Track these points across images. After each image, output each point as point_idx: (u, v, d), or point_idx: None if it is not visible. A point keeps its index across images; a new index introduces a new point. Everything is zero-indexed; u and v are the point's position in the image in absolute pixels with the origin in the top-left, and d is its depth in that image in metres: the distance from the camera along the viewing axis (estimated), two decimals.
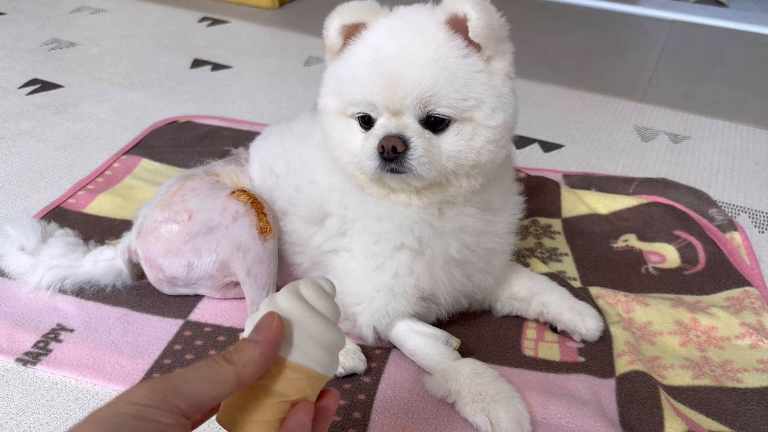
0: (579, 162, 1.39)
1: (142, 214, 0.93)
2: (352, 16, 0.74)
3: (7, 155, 1.31)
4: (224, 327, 0.90)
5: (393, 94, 0.70)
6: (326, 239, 0.86)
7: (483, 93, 0.71)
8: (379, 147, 0.71)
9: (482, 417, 0.73)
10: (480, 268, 0.86)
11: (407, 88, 0.69)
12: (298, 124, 0.95)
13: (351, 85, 0.74)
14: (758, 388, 0.82)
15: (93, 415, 0.41)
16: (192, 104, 1.57)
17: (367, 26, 0.75)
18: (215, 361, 0.46)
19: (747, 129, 1.55)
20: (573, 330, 0.88)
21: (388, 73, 0.70)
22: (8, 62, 1.73)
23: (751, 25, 2.28)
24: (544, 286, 0.91)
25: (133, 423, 0.40)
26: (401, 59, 0.70)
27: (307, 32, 2.06)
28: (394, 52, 0.70)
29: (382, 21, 0.74)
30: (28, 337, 0.87)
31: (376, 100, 0.72)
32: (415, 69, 0.69)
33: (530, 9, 2.42)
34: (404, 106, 0.71)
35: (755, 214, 1.22)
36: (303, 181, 0.88)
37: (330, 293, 0.53)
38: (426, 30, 0.71)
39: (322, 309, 0.51)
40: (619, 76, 1.87)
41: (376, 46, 0.72)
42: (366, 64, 0.72)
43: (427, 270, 0.81)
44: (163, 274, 0.90)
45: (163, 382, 0.43)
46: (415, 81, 0.69)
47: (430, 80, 0.69)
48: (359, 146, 0.75)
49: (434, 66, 0.69)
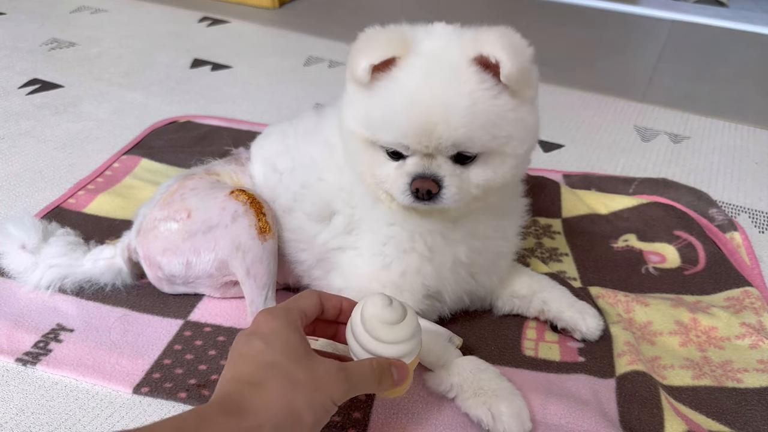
0: (579, 162, 1.39)
1: (142, 213, 0.93)
2: (384, 54, 0.70)
3: (7, 155, 1.31)
4: (224, 327, 0.90)
5: (427, 139, 0.69)
6: (333, 237, 0.86)
7: (513, 130, 0.71)
8: (413, 187, 0.72)
9: (484, 410, 0.74)
10: (486, 269, 0.87)
11: (442, 134, 0.68)
12: (303, 121, 0.94)
13: (383, 126, 0.72)
14: (758, 388, 0.82)
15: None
16: (192, 104, 1.57)
17: (396, 62, 0.71)
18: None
19: (747, 129, 1.55)
20: (574, 328, 0.88)
21: (422, 119, 0.68)
22: (8, 62, 1.73)
23: (751, 25, 2.28)
24: (545, 285, 0.92)
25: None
26: (436, 105, 0.68)
27: (307, 32, 2.06)
28: (429, 97, 0.68)
29: (412, 59, 0.70)
30: (28, 337, 0.87)
31: (409, 143, 0.70)
32: (450, 116, 0.68)
33: (530, 9, 2.42)
34: (437, 149, 0.70)
35: (755, 214, 1.22)
36: (311, 178, 0.87)
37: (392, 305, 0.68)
38: (459, 72, 0.69)
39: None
40: (619, 76, 1.87)
41: (409, 90, 0.69)
42: (400, 108, 0.70)
43: (434, 270, 0.82)
44: (161, 272, 0.90)
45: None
46: (450, 128, 0.68)
47: (464, 127, 0.68)
48: (387, 174, 0.75)
49: (469, 112, 0.68)
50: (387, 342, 0.66)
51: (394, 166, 0.74)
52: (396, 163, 0.74)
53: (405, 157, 0.73)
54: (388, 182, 0.75)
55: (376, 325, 0.66)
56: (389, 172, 0.75)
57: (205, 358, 0.84)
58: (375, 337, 0.66)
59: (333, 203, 0.85)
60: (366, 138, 0.74)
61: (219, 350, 0.86)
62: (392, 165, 0.74)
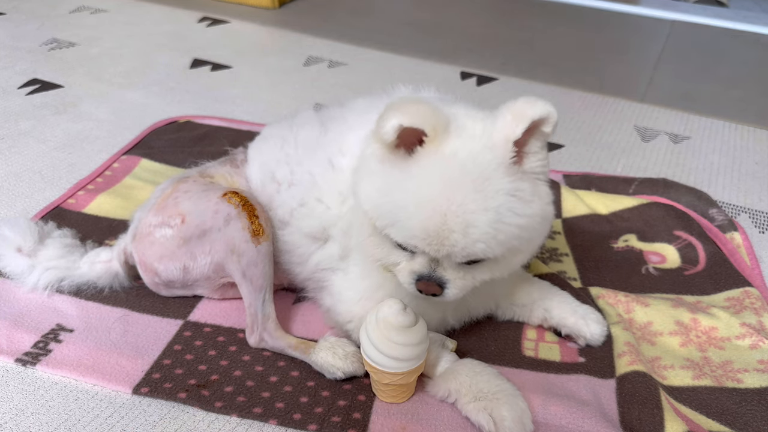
0: (579, 162, 1.39)
1: (137, 217, 0.93)
2: (415, 122, 0.64)
3: (7, 155, 1.30)
4: (224, 327, 0.90)
5: (438, 245, 0.66)
6: (326, 259, 0.86)
7: (534, 234, 0.69)
8: (418, 286, 0.71)
9: (485, 416, 0.73)
10: (482, 302, 0.87)
11: (456, 244, 0.65)
12: (303, 129, 0.90)
13: (393, 223, 0.67)
14: (758, 388, 0.82)
15: None
16: (192, 104, 1.57)
17: (422, 143, 0.66)
18: None
19: (747, 129, 1.55)
20: (578, 334, 0.87)
21: (438, 227, 0.64)
22: (8, 62, 1.73)
23: (751, 25, 2.28)
24: (546, 291, 0.91)
25: None
26: (456, 216, 0.63)
27: (307, 32, 2.06)
28: (448, 206, 0.64)
29: (436, 159, 0.65)
30: (28, 337, 0.86)
31: (419, 247, 0.67)
32: (470, 229, 0.64)
33: (530, 9, 2.42)
34: (447, 257, 0.67)
35: (755, 214, 1.22)
36: (309, 197, 0.85)
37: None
38: (489, 182, 0.64)
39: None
40: (619, 76, 1.87)
41: (427, 194, 0.65)
42: (413, 210, 0.65)
43: (427, 308, 0.82)
44: (158, 277, 0.90)
45: None
46: (467, 240, 0.64)
47: (484, 243, 0.65)
48: (394, 261, 0.72)
49: (492, 227, 0.64)
50: (399, 344, 0.72)
51: (401, 256, 0.71)
52: (403, 253, 0.71)
53: (410, 251, 0.70)
54: (393, 267, 0.73)
55: (390, 327, 0.72)
56: (397, 260, 0.72)
57: (205, 359, 0.84)
58: (389, 339, 0.72)
59: (330, 229, 0.84)
60: (373, 222, 0.70)
61: (219, 350, 0.86)
62: (399, 255, 0.71)
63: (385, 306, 0.73)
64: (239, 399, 0.78)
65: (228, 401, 0.78)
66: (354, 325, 0.84)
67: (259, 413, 0.77)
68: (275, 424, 0.76)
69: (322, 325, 0.91)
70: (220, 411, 0.77)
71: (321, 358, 0.81)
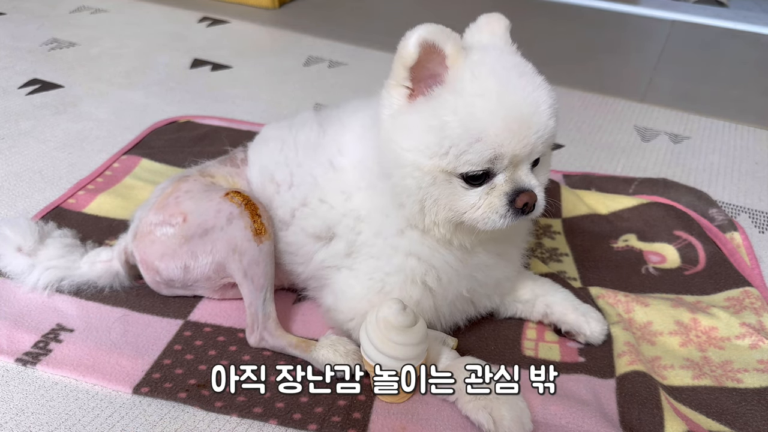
0: (579, 162, 1.39)
1: (138, 216, 0.93)
2: (436, 37, 0.66)
3: (7, 155, 1.31)
4: (224, 327, 0.90)
5: (525, 141, 0.67)
6: (330, 257, 0.86)
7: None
8: (519, 203, 0.70)
9: (485, 415, 0.73)
10: (487, 295, 0.87)
11: (539, 133, 0.67)
12: (303, 131, 0.90)
13: (470, 144, 0.67)
14: (758, 388, 0.82)
15: None
16: (192, 104, 1.57)
17: (447, 65, 0.68)
18: None
19: (747, 129, 1.55)
20: (578, 331, 0.88)
21: (519, 121, 0.66)
22: (8, 62, 1.73)
23: (751, 25, 2.28)
24: (548, 288, 0.91)
25: None
26: (529, 105, 0.66)
27: (307, 32, 2.06)
28: (521, 98, 0.66)
29: (477, 64, 0.68)
30: (28, 337, 0.86)
31: (505, 151, 0.67)
32: (543, 115, 0.68)
33: (530, 9, 2.42)
34: (531, 153, 0.69)
35: (755, 214, 1.22)
36: (312, 197, 0.85)
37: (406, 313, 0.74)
38: (531, 71, 0.70)
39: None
40: (619, 76, 1.87)
41: (498, 92, 0.66)
42: (489, 116, 0.66)
43: (433, 305, 0.82)
44: (159, 276, 0.90)
45: None
46: (545, 126, 0.68)
47: (553, 123, 0.69)
48: (472, 203, 0.71)
49: (552, 107, 0.69)
50: (399, 344, 0.72)
51: (478, 192, 0.71)
52: (478, 189, 0.70)
53: (486, 179, 0.70)
54: (471, 211, 0.71)
55: (390, 327, 0.73)
56: (473, 201, 0.71)
57: (205, 358, 0.84)
58: (389, 339, 0.72)
59: (335, 227, 0.84)
60: (442, 169, 0.69)
61: (219, 350, 0.86)
62: (475, 192, 0.71)
63: (385, 306, 0.74)
64: (239, 399, 0.78)
65: (228, 401, 0.78)
66: (355, 323, 0.83)
67: (259, 413, 0.77)
68: (275, 424, 0.76)
69: (322, 325, 0.91)
70: (220, 411, 0.77)
71: (322, 355, 0.81)
